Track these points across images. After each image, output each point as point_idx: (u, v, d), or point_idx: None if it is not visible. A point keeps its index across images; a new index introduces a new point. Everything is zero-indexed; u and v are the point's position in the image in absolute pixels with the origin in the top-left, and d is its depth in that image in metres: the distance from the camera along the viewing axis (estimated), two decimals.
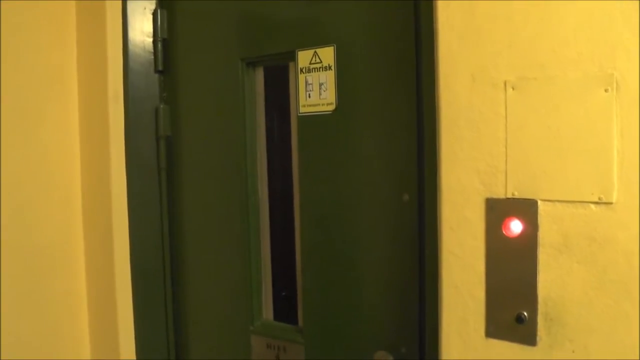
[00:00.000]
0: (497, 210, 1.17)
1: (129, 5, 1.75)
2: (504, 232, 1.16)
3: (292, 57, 1.56)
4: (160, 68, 1.80)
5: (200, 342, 1.84)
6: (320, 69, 1.52)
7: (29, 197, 1.71)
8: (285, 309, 1.74)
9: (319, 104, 1.52)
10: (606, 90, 1.04)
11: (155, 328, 1.85)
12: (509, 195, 1.15)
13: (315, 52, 1.52)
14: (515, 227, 1.15)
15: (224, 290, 1.76)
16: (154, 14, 1.79)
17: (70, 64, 1.80)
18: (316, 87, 1.52)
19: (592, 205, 1.07)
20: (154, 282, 1.84)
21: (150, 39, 1.80)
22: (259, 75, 1.70)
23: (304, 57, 1.54)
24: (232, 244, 1.72)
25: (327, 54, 1.50)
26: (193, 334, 1.85)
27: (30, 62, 1.72)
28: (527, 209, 1.14)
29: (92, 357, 1.86)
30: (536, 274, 1.13)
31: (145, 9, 1.78)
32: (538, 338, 1.14)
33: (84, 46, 1.80)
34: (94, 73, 1.78)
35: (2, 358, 1.64)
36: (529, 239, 1.14)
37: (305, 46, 1.54)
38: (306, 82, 1.54)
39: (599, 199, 1.06)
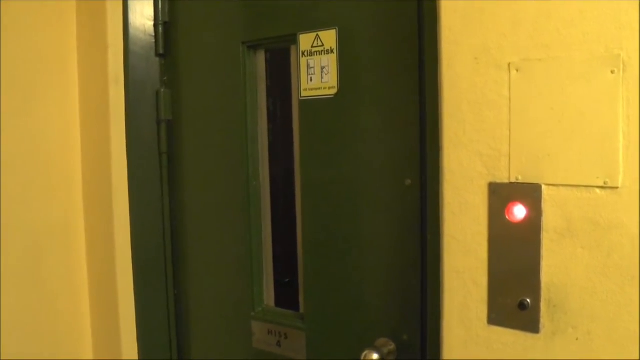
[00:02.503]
0: (500, 195, 1.15)
1: None
2: (507, 217, 1.15)
3: (294, 40, 1.54)
4: (161, 51, 1.78)
5: (201, 328, 1.83)
6: (322, 52, 1.50)
7: (29, 182, 1.71)
8: (286, 295, 1.73)
9: (320, 88, 1.50)
10: (612, 72, 1.02)
11: (156, 313, 1.84)
12: (513, 180, 1.13)
13: (317, 35, 1.50)
14: (519, 212, 1.13)
15: (225, 275, 1.75)
16: None
17: (70, 48, 1.79)
18: (318, 70, 1.50)
19: (597, 190, 1.05)
20: (155, 267, 1.83)
21: (151, 22, 1.78)
22: (261, 58, 1.68)
23: (305, 41, 1.52)
24: (233, 228, 1.72)
25: (329, 37, 1.48)
26: (194, 320, 1.84)
27: (30, 46, 1.70)
28: (530, 193, 1.12)
29: (94, 337, 1.86)
30: (539, 259, 1.12)
31: None
32: (541, 325, 1.12)
33: (85, 30, 1.79)
34: (94, 57, 1.76)
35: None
36: (533, 224, 1.12)
37: (307, 29, 1.52)
38: (308, 65, 1.52)
39: (604, 183, 1.04)
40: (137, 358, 1.81)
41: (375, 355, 1.39)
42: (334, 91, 1.48)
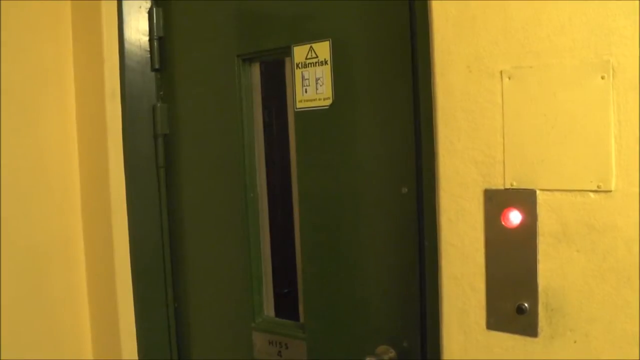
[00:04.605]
0: (496, 201, 1.16)
1: (125, 4, 1.75)
2: (503, 222, 1.16)
3: (288, 52, 1.56)
4: (156, 66, 1.80)
5: (201, 340, 1.83)
6: (317, 64, 1.51)
7: (28, 197, 1.71)
8: (286, 305, 1.73)
9: (315, 99, 1.52)
10: (602, 77, 1.03)
11: (156, 326, 1.84)
12: (508, 186, 1.14)
13: (311, 47, 1.52)
14: (514, 217, 1.15)
15: (224, 287, 1.76)
16: (150, 12, 1.78)
17: (66, 64, 1.80)
18: (312, 82, 1.52)
19: (591, 194, 1.06)
20: (155, 280, 1.84)
21: (146, 38, 1.79)
22: (255, 71, 1.69)
23: (299, 52, 1.53)
24: (232, 240, 1.72)
25: (323, 49, 1.50)
26: (194, 332, 1.84)
27: (27, 62, 1.71)
28: (525, 198, 1.13)
29: (94, 356, 1.86)
30: (536, 264, 1.13)
31: (140, 7, 1.78)
32: (539, 329, 1.13)
33: (80, 46, 1.80)
34: (90, 72, 1.77)
35: (2, 358, 1.64)
36: (528, 229, 1.13)
37: (301, 41, 1.53)
38: (302, 77, 1.53)
39: (598, 186, 1.05)
40: None
41: None
42: (328, 102, 1.50)
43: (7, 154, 1.65)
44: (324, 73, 1.50)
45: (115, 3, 1.75)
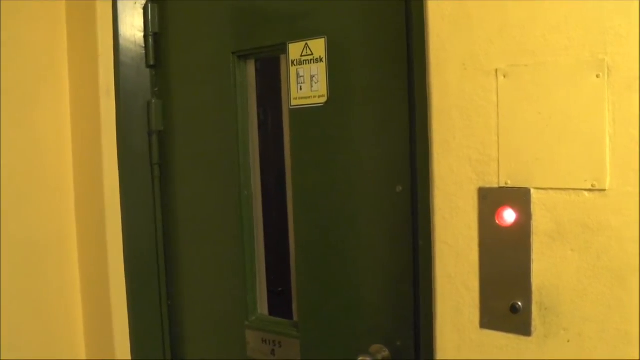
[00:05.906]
0: (490, 200, 1.16)
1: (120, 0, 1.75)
2: (497, 221, 1.16)
3: (284, 49, 1.55)
4: (151, 62, 1.79)
5: (195, 338, 1.83)
6: (312, 61, 1.51)
7: (21, 193, 1.71)
8: (280, 304, 1.73)
9: (310, 97, 1.51)
10: (598, 76, 1.03)
11: (149, 324, 1.84)
12: (502, 184, 1.14)
13: (306, 44, 1.51)
14: (509, 216, 1.14)
15: (218, 285, 1.75)
16: (145, 8, 1.78)
17: (61, 60, 1.80)
18: (308, 79, 1.51)
19: (585, 192, 1.06)
20: (148, 278, 1.83)
21: (142, 34, 1.79)
22: (251, 68, 1.69)
23: (295, 50, 1.53)
24: (226, 238, 1.72)
25: (318, 46, 1.50)
26: (188, 330, 1.84)
27: (21, 58, 1.71)
28: (520, 197, 1.13)
29: (87, 355, 1.85)
30: (530, 262, 1.13)
31: (135, 3, 1.77)
32: (533, 328, 1.13)
33: (75, 41, 1.80)
34: (85, 68, 1.77)
35: (2, 358, 1.64)
36: (523, 227, 1.13)
37: (296, 38, 1.53)
38: (297, 74, 1.53)
39: (592, 185, 1.05)
40: None
41: None
42: (323, 100, 1.49)
43: (1, 150, 1.64)
44: (319, 70, 1.49)
45: None
